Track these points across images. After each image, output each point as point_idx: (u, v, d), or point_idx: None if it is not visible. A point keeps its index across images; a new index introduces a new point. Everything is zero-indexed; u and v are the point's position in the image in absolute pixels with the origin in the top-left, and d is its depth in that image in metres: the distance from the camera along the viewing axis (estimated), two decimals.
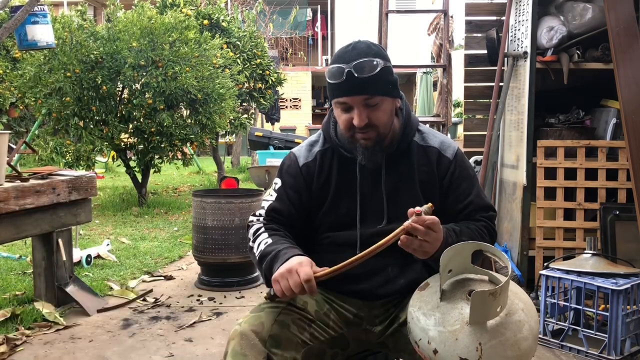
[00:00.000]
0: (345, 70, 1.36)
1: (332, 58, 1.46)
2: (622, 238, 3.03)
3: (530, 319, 1.27)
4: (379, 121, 1.42)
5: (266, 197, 1.56)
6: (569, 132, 3.24)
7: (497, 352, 1.20)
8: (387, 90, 1.41)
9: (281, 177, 1.56)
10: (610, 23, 2.95)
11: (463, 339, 1.21)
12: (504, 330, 1.22)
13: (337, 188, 1.51)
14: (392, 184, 1.50)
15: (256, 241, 1.45)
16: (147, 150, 6.08)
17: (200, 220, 3.49)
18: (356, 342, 1.53)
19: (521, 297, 1.31)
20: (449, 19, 4.56)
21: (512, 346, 1.21)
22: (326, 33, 17.23)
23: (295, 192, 1.52)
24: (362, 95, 1.38)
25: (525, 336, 1.23)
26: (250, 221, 1.54)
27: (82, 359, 2.52)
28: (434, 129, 1.72)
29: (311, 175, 1.53)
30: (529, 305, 1.31)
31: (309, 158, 1.54)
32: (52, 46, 3.55)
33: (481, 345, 1.20)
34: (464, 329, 1.23)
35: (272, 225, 1.49)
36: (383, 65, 1.37)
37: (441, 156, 1.52)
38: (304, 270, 1.28)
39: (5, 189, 2.57)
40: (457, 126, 11.90)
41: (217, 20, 7.39)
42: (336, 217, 1.51)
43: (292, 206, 1.51)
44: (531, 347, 1.24)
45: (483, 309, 1.21)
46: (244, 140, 11.48)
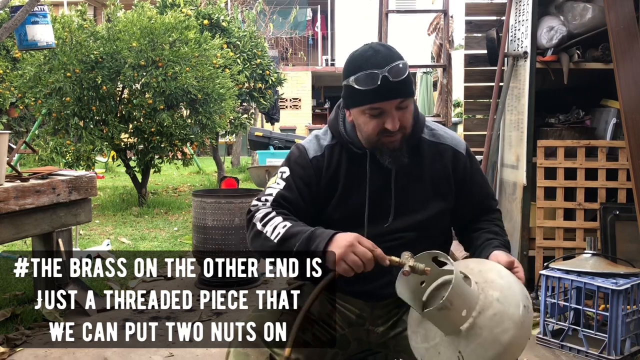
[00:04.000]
0: (380, 75, 1.34)
1: (350, 65, 1.40)
2: (622, 238, 3.03)
3: (509, 305, 1.19)
4: (407, 122, 1.42)
5: (271, 184, 1.49)
6: (569, 132, 3.24)
7: (478, 355, 1.16)
8: (412, 91, 1.42)
9: (289, 166, 1.50)
10: (610, 23, 2.95)
11: (444, 352, 1.19)
12: (480, 330, 1.17)
13: (345, 184, 1.49)
14: (402, 181, 1.49)
15: (268, 224, 1.36)
16: (147, 150, 6.09)
17: (200, 220, 3.49)
18: (357, 342, 1.53)
19: (496, 285, 1.23)
20: (449, 19, 4.56)
21: (493, 344, 1.16)
22: (326, 33, 17.23)
23: (304, 184, 1.47)
24: (397, 99, 1.37)
25: (506, 328, 1.17)
26: (254, 205, 1.45)
27: (82, 358, 2.52)
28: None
29: (320, 169, 1.49)
30: (506, 290, 1.22)
31: (318, 152, 1.51)
32: (52, 46, 3.55)
33: (461, 353, 1.17)
34: (443, 340, 1.20)
35: (283, 210, 1.42)
36: (407, 67, 1.39)
37: (456, 153, 1.54)
38: (365, 240, 1.25)
39: (5, 189, 2.57)
40: (457, 126, 11.89)
41: (217, 20, 7.39)
42: (344, 214, 1.48)
43: (300, 197, 1.46)
44: (515, 335, 1.17)
45: (445, 321, 1.17)
46: (244, 140, 11.48)
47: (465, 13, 3.98)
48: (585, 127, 3.31)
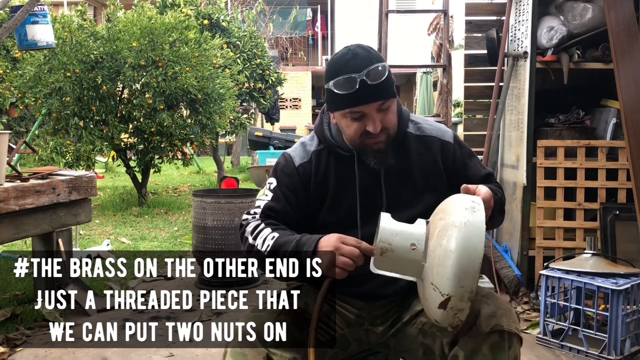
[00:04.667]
0: (357, 80, 1.35)
1: (330, 69, 1.42)
2: (622, 238, 3.03)
3: (450, 215, 1.19)
4: (390, 123, 1.43)
5: (260, 197, 1.52)
6: (569, 132, 3.24)
7: (442, 274, 1.15)
8: (393, 92, 1.42)
9: (276, 176, 1.53)
10: (610, 23, 2.95)
11: (427, 294, 1.21)
12: (433, 253, 1.18)
13: (335, 188, 1.50)
14: (392, 179, 1.49)
15: (258, 237, 1.40)
16: (147, 150, 6.08)
17: (200, 220, 3.49)
18: (357, 342, 1.53)
19: (440, 208, 1.26)
20: (449, 19, 4.56)
21: (445, 256, 1.15)
22: (326, 33, 17.23)
23: (292, 192, 1.49)
24: (377, 102, 1.38)
25: (449, 235, 1.16)
26: (245, 219, 1.49)
27: (82, 358, 2.52)
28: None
29: (307, 175, 1.51)
30: (448, 206, 1.23)
31: (304, 158, 1.52)
32: (52, 46, 3.55)
33: (433, 284, 1.17)
34: (422, 285, 1.23)
35: (271, 221, 1.46)
36: (387, 68, 1.39)
37: (444, 143, 1.55)
38: (348, 238, 1.28)
39: (5, 189, 2.57)
40: (457, 126, 11.89)
41: (217, 20, 7.40)
42: (337, 217, 1.50)
43: (288, 205, 1.48)
44: (462, 237, 1.14)
45: (405, 264, 1.21)
46: (244, 140, 11.48)
47: (465, 13, 3.98)
48: (585, 127, 3.31)
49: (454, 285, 1.13)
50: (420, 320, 1.45)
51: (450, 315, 1.17)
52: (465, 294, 1.14)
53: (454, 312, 1.16)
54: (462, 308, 1.15)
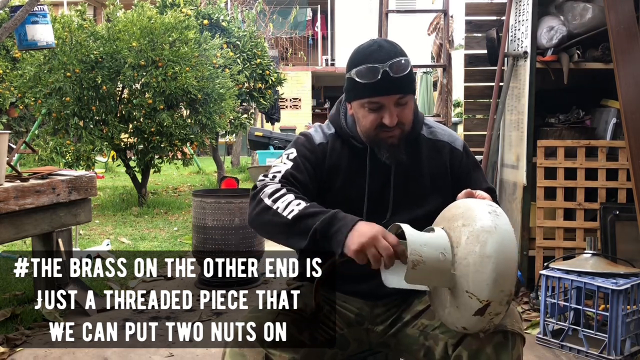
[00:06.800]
0: (380, 70, 1.36)
1: (354, 58, 1.43)
2: (622, 238, 3.03)
3: (474, 221, 1.16)
4: (406, 119, 1.44)
5: (277, 163, 1.47)
6: (569, 132, 3.24)
7: (481, 280, 1.13)
8: (413, 88, 1.44)
9: (297, 148, 1.49)
10: (610, 23, 2.95)
11: (459, 302, 1.18)
12: (465, 260, 1.15)
13: (345, 177, 1.50)
14: (401, 177, 1.50)
15: (279, 200, 1.32)
16: (147, 150, 6.08)
17: (200, 220, 3.49)
18: (357, 342, 1.53)
19: (457, 216, 1.22)
20: (449, 19, 4.56)
21: (482, 262, 1.13)
22: (326, 33, 17.22)
23: (312, 166, 1.47)
24: (396, 95, 1.39)
25: (483, 240, 1.14)
26: (261, 180, 1.41)
27: (82, 358, 2.52)
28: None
29: (324, 155, 1.50)
30: (466, 212, 1.20)
31: (323, 139, 1.52)
32: (52, 46, 3.55)
33: (468, 291, 1.15)
34: (452, 294, 1.20)
35: (293, 188, 1.38)
36: (410, 64, 1.40)
37: (453, 149, 1.57)
38: (390, 236, 1.22)
39: (5, 189, 2.57)
40: (457, 126, 11.88)
41: (217, 20, 7.40)
42: (342, 207, 1.48)
43: (308, 177, 1.45)
44: (496, 241, 1.13)
45: (434, 275, 1.16)
46: (244, 140, 11.47)
47: (465, 13, 3.98)
48: (585, 127, 3.31)
49: (494, 290, 1.13)
50: (422, 322, 1.44)
51: (486, 321, 1.16)
52: (505, 298, 1.14)
53: (491, 317, 1.16)
54: (500, 312, 1.16)
